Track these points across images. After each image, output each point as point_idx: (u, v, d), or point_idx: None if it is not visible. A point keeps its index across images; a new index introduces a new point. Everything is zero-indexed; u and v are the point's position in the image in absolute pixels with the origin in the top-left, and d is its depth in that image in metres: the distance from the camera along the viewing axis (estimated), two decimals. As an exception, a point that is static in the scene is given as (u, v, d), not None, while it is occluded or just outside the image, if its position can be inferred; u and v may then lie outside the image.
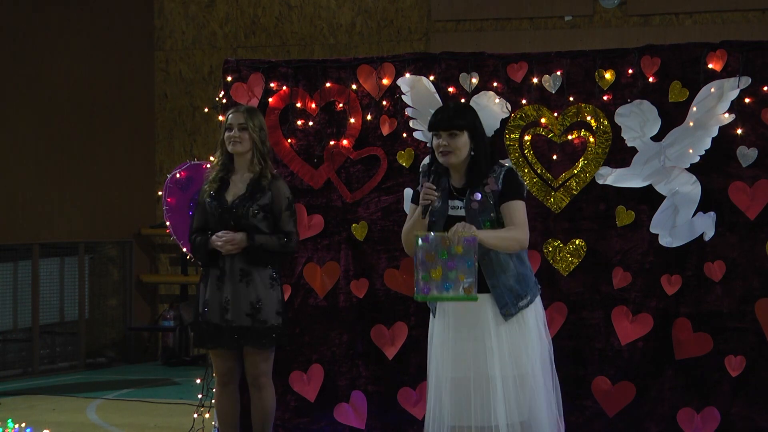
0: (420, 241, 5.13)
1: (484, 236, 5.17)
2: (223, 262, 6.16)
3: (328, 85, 6.95)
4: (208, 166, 6.86)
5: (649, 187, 6.53)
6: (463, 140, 5.33)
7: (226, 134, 6.23)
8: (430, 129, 5.40)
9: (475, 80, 6.74)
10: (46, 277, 11.63)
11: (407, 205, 6.73)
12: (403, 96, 6.79)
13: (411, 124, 6.78)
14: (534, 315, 5.40)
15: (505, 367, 5.26)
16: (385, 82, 6.87)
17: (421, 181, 5.41)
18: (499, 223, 5.35)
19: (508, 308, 5.30)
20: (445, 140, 5.31)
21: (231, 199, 6.20)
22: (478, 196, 5.33)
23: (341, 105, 6.95)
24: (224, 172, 6.28)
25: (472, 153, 5.37)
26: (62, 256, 11.95)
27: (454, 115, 5.37)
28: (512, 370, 5.27)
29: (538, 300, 5.44)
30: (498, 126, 6.69)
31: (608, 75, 6.60)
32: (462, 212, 5.33)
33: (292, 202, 6.30)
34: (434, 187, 5.23)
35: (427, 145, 6.74)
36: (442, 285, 5.12)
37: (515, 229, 5.31)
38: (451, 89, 6.76)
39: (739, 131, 6.43)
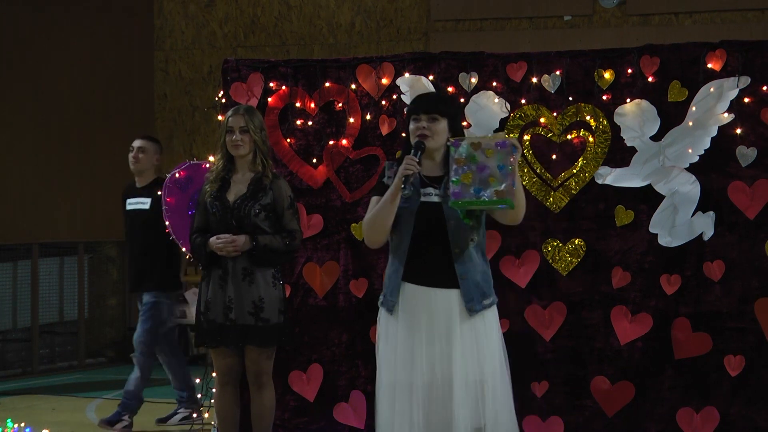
0: (452, 147, 5.09)
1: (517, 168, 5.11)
2: (226, 262, 6.16)
3: (327, 84, 6.95)
4: (208, 166, 6.86)
5: (649, 186, 6.53)
6: (442, 126, 5.24)
7: (228, 137, 6.22)
8: (410, 113, 5.32)
9: (474, 80, 6.74)
10: (45, 276, 11.63)
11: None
12: (402, 96, 6.79)
13: (410, 123, 6.77)
14: (494, 318, 5.28)
15: (469, 371, 5.12)
16: (385, 81, 6.87)
17: (387, 173, 5.33)
18: (475, 212, 5.23)
19: (473, 304, 5.16)
20: (424, 123, 5.23)
21: (233, 199, 6.20)
22: None
23: (340, 105, 6.95)
24: (225, 172, 6.28)
25: (449, 143, 5.26)
26: (62, 256, 11.95)
27: (438, 101, 5.35)
28: (474, 375, 5.13)
29: (496, 308, 5.31)
30: (497, 126, 6.69)
31: (607, 75, 6.60)
32: (436, 198, 5.22)
33: (294, 200, 6.30)
34: (416, 160, 5.11)
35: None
36: (472, 189, 5.04)
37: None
38: (450, 89, 6.76)
39: (738, 131, 6.43)
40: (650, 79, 6.55)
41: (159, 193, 7.81)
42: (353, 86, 6.92)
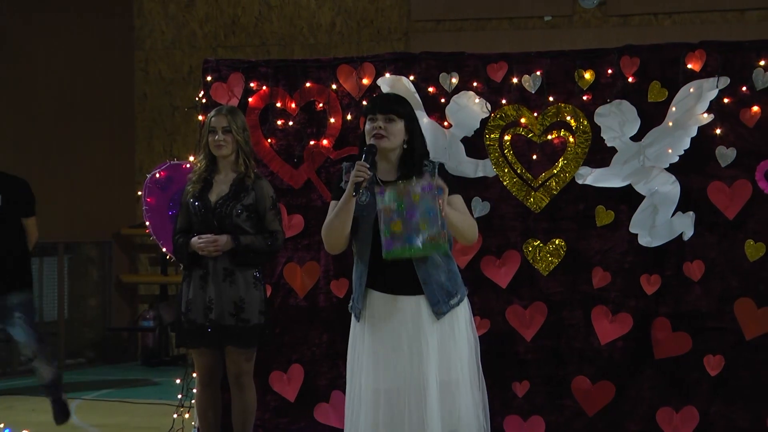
0: (378, 196, 4.91)
1: (448, 206, 4.94)
2: (207, 262, 6.14)
3: (308, 84, 6.95)
4: (188, 166, 6.84)
5: (629, 186, 6.55)
6: (399, 127, 5.12)
7: (210, 138, 6.19)
8: (366, 113, 5.19)
9: (455, 80, 6.74)
10: (25, 277, 11.56)
11: None
12: (383, 96, 6.78)
13: (391, 124, 6.76)
14: (464, 314, 5.18)
15: (440, 375, 5.04)
16: (365, 81, 6.86)
17: (343, 177, 5.20)
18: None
19: (440, 306, 5.07)
20: (380, 123, 5.09)
21: (215, 199, 6.18)
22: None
23: (321, 105, 6.94)
24: (207, 172, 6.26)
25: (405, 146, 5.16)
26: (41, 257, 11.91)
27: (394, 102, 5.22)
28: (443, 376, 5.05)
29: (467, 300, 5.22)
30: (478, 126, 6.70)
31: (588, 75, 6.61)
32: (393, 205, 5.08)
33: (276, 201, 6.28)
34: (367, 165, 4.97)
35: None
36: (404, 238, 4.87)
37: (472, 219, 5.18)
38: (431, 89, 6.76)
39: (717, 131, 6.45)
40: (630, 79, 6.57)
41: (12, 188, 8.02)
42: (334, 86, 6.91)
